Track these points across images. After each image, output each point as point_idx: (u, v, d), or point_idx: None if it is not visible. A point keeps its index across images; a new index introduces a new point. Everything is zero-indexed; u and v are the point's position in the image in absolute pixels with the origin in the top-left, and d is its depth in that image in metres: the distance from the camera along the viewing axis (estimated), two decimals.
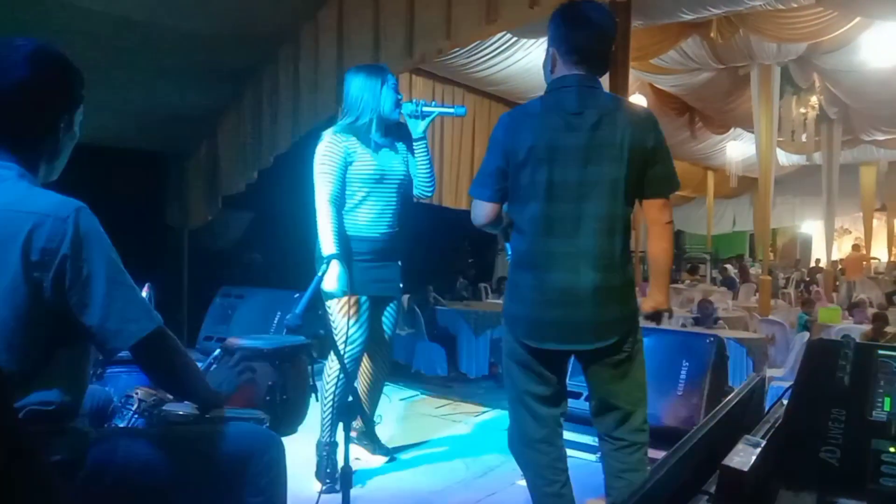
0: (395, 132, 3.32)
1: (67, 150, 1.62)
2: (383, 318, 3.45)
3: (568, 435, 3.07)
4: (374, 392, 3.54)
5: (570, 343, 2.27)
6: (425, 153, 3.32)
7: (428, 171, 3.34)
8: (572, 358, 2.46)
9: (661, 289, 2.44)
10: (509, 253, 2.43)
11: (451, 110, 3.36)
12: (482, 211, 2.34)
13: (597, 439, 2.58)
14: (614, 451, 2.39)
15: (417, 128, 3.27)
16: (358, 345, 3.22)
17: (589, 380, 2.40)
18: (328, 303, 3.12)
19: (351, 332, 3.14)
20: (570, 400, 2.56)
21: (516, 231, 2.31)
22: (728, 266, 14.76)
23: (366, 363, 3.43)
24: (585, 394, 3.58)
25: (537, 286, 2.24)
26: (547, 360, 2.34)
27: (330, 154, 3.14)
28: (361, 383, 3.46)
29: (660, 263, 2.41)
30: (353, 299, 3.15)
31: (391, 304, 3.45)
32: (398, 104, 3.23)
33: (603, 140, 2.17)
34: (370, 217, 3.22)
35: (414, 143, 3.31)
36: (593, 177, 2.17)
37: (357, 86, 3.20)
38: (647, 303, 2.47)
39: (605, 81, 6.01)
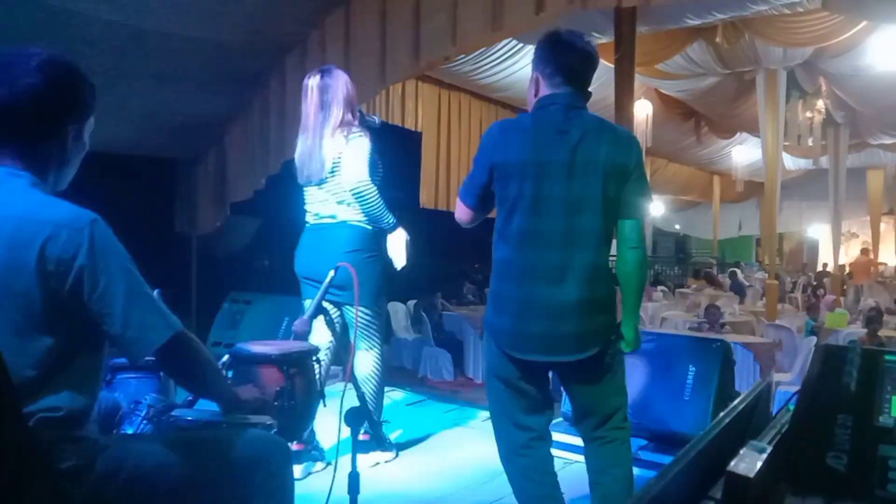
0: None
1: (76, 159, 1.64)
2: None
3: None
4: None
5: (554, 354, 2.29)
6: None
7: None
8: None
9: (631, 315, 2.40)
10: None
11: None
12: (463, 215, 2.48)
13: None
14: (598, 447, 2.42)
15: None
16: None
17: (569, 390, 2.45)
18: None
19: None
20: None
21: (502, 241, 2.33)
22: (737, 270, 14.70)
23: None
24: None
25: (521, 298, 2.27)
26: (528, 372, 2.35)
27: None
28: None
29: (627, 287, 2.37)
30: None
31: None
32: None
33: (586, 157, 2.23)
34: None
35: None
36: (578, 192, 2.24)
37: None
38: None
39: (609, 88, 6.06)
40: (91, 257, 1.44)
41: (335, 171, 3.35)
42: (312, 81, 3.42)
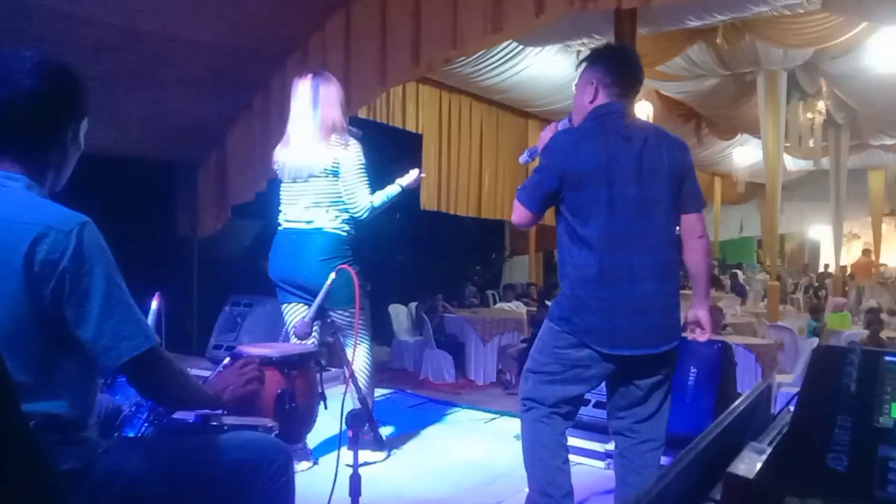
0: None
1: (73, 160, 1.64)
2: None
3: (575, 441, 3.09)
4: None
5: (643, 348, 2.40)
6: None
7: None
8: None
9: (704, 299, 2.60)
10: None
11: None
12: (524, 219, 2.56)
13: (604, 446, 2.64)
14: (635, 445, 2.50)
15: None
16: None
17: (630, 381, 2.49)
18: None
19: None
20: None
21: (580, 245, 2.42)
22: (738, 272, 14.70)
23: None
24: (594, 400, 3.61)
25: (608, 297, 2.38)
26: (603, 366, 2.43)
27: None
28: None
29: (699, 274, 2.57)
30: None
31: None
32: None
33: (652, 160, 2.41)
34: None
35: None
36: (647, 194, 2.40)
37: None
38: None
39: None
40: (75, 260, 1.42)
41: (327, 173, 3.42)
42: (304, 81, 3.48)
